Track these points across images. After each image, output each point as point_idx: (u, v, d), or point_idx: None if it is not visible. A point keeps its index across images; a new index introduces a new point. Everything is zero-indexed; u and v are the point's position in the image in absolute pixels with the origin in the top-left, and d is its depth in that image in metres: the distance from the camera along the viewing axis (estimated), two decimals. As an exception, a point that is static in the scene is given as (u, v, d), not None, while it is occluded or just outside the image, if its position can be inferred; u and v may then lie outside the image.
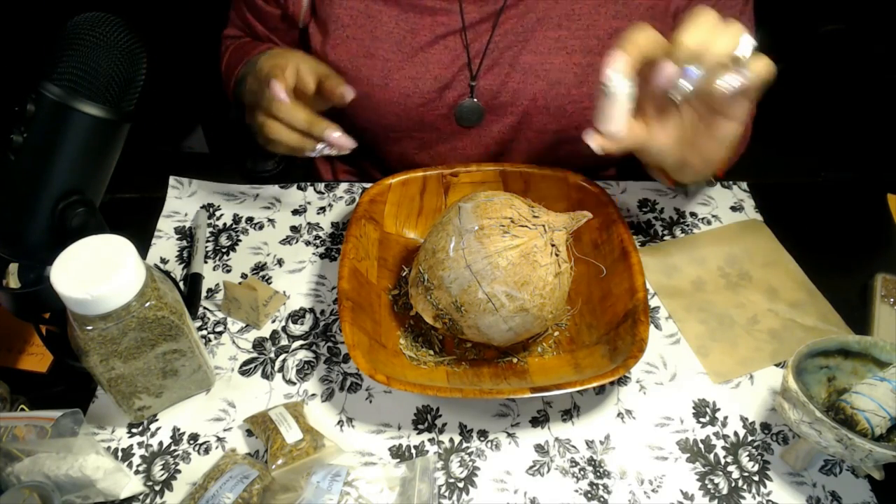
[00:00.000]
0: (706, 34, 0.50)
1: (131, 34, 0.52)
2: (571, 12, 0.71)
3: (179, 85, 1.37)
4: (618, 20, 0.71)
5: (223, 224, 0.77)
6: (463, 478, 0.56)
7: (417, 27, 0.72)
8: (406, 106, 0.75)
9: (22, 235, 0.54)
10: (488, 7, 0.71)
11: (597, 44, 0.72)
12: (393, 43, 0.73)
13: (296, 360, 0.64)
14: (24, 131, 0.50)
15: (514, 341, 0.60)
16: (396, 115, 0.76)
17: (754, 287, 0.69)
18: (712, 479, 0.56)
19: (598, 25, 0.71)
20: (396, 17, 0.72)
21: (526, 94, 0.74)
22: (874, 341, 0.56)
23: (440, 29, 0.72)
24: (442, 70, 0.73)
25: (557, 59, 0.72)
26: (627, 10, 0.71)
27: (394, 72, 0.73)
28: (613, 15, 0.71)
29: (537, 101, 0.74)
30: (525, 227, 0.55)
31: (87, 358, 0.50)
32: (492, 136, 0.78)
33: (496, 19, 0.72)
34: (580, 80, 0.73)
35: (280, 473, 0.54)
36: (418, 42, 0.73)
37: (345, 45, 0.74)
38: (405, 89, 0.74)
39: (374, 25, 0.73)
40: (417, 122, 0.77)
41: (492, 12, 0.72)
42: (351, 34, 0.73)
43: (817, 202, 0.79)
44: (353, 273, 0.63)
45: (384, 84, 0.74)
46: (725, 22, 0.51)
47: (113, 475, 0.53)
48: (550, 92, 0.73)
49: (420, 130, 0.78)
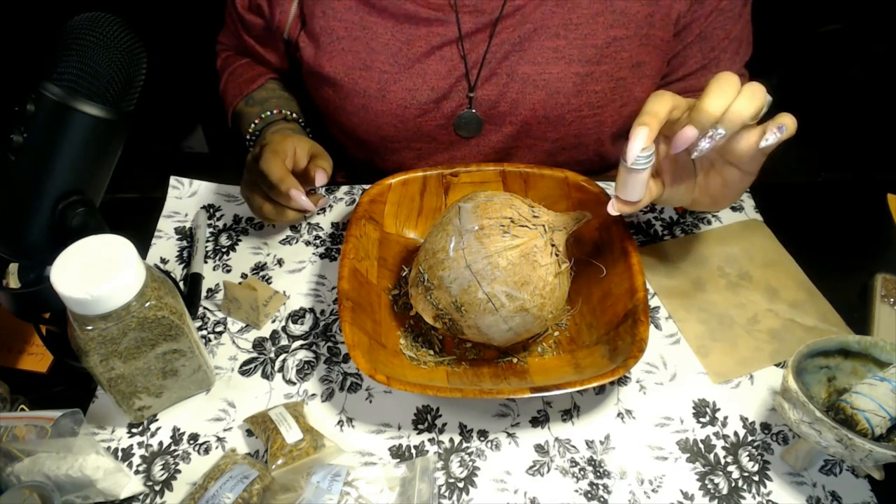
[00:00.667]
0: (729, 98, 0.50)
1: (131, 34, 0.52)
2: (569, 21, 0.71)
3: (179, 85, 1.37)
4: (615, 29, 0.71)
5: (223, 224, 0.77)
6: (463, 478, 0.56)
7: (413, 38, 0.72)
8: (404, 117, 0.75)
9: (22, 235, 0.54)
10: (484, 18, 0.71)
11: (595, 53, 0.72)
12: (389, 55, 0.72)
13: (296, 360, 0.64)
14: (24, 131, 0.50)
15: (514, 341, 0.60)
16: (394, 125, 0.76)
17: (754, 287, 0.69)
18: (712, 479, 0.56)
19: (595, 34, 0.71)
20: (392, 29, 0.72)
21: (525, 104, 0.74)
22: (874, 341, 0.56)
23: (436, 40, 0.72)
24: (439, 81, 0.73)
25: (556, 69, 0.72)
26: (625, 19, 0.71)
27: (391, 83, 0.73)
28: (611, 24, 0.71)
29: (536, 110, 0.74)
30: (525, 227, 0.55)
31: (87, 358, 0.50)
32: (490, 146, 0.78)
33: (493, 29, 0.71)
34: (578, 89, 0.73)
35: (280, 473, 0.54)
36: (414, 53, 0.72)
37: (340, 57, 0.74)
38: (402, 100, 0.74)
39: (369, 37, 0.73)
40: (415, 133, 0.77)
41: (488, 22, 0.71)
42: (346, 46, 0.73)
43: (817, 202, 0.79)
44: (353, 273, 0.63)
45: (381, 96, 0.74)
46: (746, 83, 0.51)
47: (113, 475, 0.53)
48: (549, 101, 0.73)
49: (418, 141, 0.78)
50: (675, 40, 0.75)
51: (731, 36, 0.75)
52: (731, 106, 0.50)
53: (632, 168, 0.54)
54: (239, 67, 0.86)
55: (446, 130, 0.77)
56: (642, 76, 0.74)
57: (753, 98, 0.50)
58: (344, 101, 0.76)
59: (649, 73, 0.75)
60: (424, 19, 0.72)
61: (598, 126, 0.76)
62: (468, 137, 0.77)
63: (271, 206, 0.68)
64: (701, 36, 0.75)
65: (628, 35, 0.72)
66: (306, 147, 0.70)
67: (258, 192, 0.69)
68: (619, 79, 0.73)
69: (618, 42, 0.72)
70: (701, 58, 0.76)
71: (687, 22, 0.74)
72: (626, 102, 0.75)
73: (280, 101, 0.82)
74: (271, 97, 0.83)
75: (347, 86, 0.74)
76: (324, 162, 0.70)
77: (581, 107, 0.74)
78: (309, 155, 0.70)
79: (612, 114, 0.75)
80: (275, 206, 0.68)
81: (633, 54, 0.73)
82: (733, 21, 0.74)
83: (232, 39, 0.88)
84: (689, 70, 0.77)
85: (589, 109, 0.74)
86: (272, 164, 0.66)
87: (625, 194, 0.56)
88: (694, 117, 0.51)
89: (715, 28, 0.74)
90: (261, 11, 0.78)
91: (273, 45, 0.82)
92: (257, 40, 0.83)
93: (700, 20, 0.74)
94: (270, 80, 0.85)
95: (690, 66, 0.77)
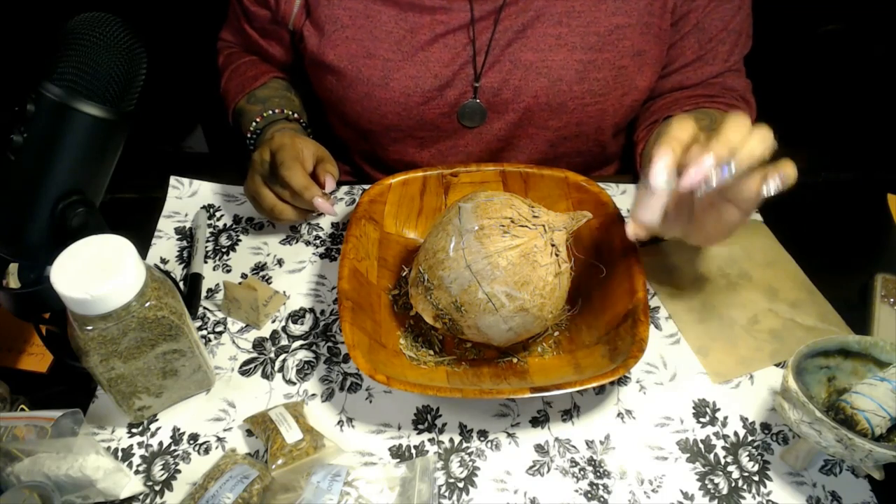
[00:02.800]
0: (742, 136, 0.51)
1: (131, 34, 0.52)
2: (571, 9, 0.71)
3: (179, 85, 1.36)
4: (617, 16, 0.71)
5: (223, 224, 0.77)
6: (463, 478, 0.56)
7: (417, 27, 0.72)
8: (407, 105, 0.75)
9: (22, 235, 0.54)
10: (487, 6, 0.72)
11: (597, 40, 0.72)
12: (392, 42, 0.73)
13: (296, 360, 0.64)
14: (24, 131, 0.50)
15: (514, 341, 0.60)
16: (397, 114, 0.76)
17: (754, 287, 0.69)
18: (712, 479, 0.56)
19: (598, 22, 0.71)
20: (396, 17, 0.72)
21: (527, 92, 0.74)
22: (874, 341, 0.56)
23: (440, 28, 0.72)
24: (442, 69, 0.73)
25: (558, 56, 0.72)
26: (627, 6, 0.71)
27: (394, 71, 0.73)
28: (613, 11, 0.71)
29: (539, 98, 0.74)
30: (525, 227, 0.55)
31: (87, 358, 0.50)
32: (493, 134, 0.78)
33: (496, 16, 0.72)
34: (581, 76, 0.73)
35: (280, 473, 0.54)
36: (418, 41, 0.72)
37: (344, 45, 0.74)
38: (406, 88, 0.74)
39: (373, 25, 0.73)
40: (418, 121, 0.77)
41: (491, 10, 0.72)
42: (350, 35, 0.73)
43: (817, 202, 0.79)
44: (353, 273, 0.63)
45: (384, 84, 0.74)
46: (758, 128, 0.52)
47: (113, 475, 0.53)
48: (552, 89, 0.73)
49: (421, 129, 0.78)
50: (672, 30, 0.75)
51: (730, 28, 0.75)
52: (746, 144, 0.51)
53: (654, 190, 0.53)
54: (242, 65, 0.86)
55: (449, 119, 0.77)
56: (643, 65, 0.74)
57: (764, 141, 0.51)
58: (347, 90, 0.76)
59: (650, 61, 0.75)
60: (429, 7, 0.72)
61: (600, 115, 0.76)
62: (472, 127, 0.77)
63: (291, 209, 0.70)
64: (698, 27, 0.75)
65: (630, 23, 0.72)
66: (312, 149, 0.71)
67: (269, 191, 0.70)
68: (621, 67, 0.73)
69: (620, 30, 0.72)
70: (697, 49, 0.76)
71: (684, 12, 0.74)
72: (628, 91, 0.75)
73: (283, 101, 0.82)
74: (274, 96, 0.83)
75: (351, 74, 0.74)
76: (330, 166, 0.71)
77: (583, 94, 0.74)
78: (314, 158, 0.71)
79: (614, 102, 0.75)
80: (294, 210, 0.70)
81: (635, 42, 0.73)
82: (732, 12, 0.74)
83: (235, 36, 0.88)
84: (685, 61, 0.77)
85: (591, 97, 0.74)
86: (295, 171, 0.67)
87: (642, 214, 0.55)
88: (713, 146, 0.51)
89: (713, 19, 0.74)
90: (267, 3, 0.78)
91: (277, 38, 0.82)
92: (261, 33, 0.83)
93: (697, 10, 0.74)
94: (273, 79, 0.85)
95: (687, 56, 0.77)
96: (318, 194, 0.67)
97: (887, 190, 0.79)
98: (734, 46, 0.77)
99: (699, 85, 0.78)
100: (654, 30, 0.73)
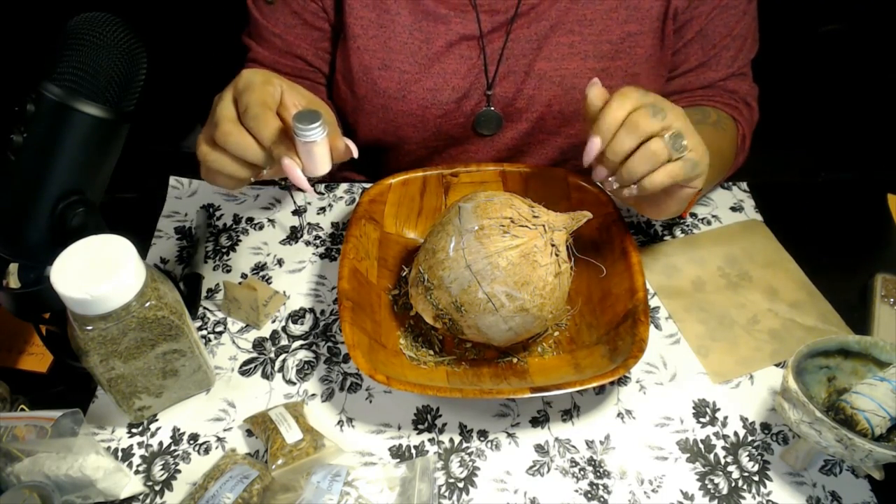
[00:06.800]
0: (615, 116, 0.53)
1: (131, 34, 0.52)
2: (583, 18, 0.71)
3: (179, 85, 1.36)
4: (630, 24, 0.71)
5: (223, 224, 0.77)
6: (463, 478, 0.56)
7: (431, 36, 0.71)
8: (424, 118, 0.74)
9: (22, 235, 0.54)
10: (500, 17, 0.71)
11: (610, 48, 0.72)
12: (408, 54, 0.72)
13: (296, 360, 0.64)
14: (24, 131, 0.50)
15: (514, 341, 0.60)
16: (414, 126, 0.75)
17: (754, 287, 0.69)
18: (712, 479, 0.56)
19: (611, 30, 0.71)
20: (409, 27, 0.71)
21: (541, 101, 0.74)
22: (874, 341, 0.56)
23: (453, 37, 0.71)
24: (459, 80, 0.73)
25: (572, 65, 0.72)
26: (639, 14, 0.71)
27: (411, 84, 0.72)
28: (625, 19, 0.71)
29: (552, 106, 0.74)
30: (525, 227, 0.55)
31: (87, 358, 0.50)
32: (504, 143, 0.78)
33: (509, 27, 0.71)
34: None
35: (280, 473, 0.54)
36: (433, 51, 0.71)
37: (357, 56, 0.72)
38: (424, 101, 0.73)
39: (387, 36, 0.71)
40: (435, 133, 0.76)
41: (504, 21, 0.71)
42: (363, 45, 0.72)
43: (817, 202, 0.79)
44: (353, 273, 0.63)
45: (402, 97, 0.73)
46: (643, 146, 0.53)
47: (113, 475, 0.53)
48: (565, 97, 0.73)
49: (436, 139, 0.77)
50: (676, 36, 0.75)
51: (734, 33, 0.75)
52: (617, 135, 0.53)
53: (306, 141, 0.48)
54: None
55: (465, 129, 0.76)
56: (654, 71, 0.74)
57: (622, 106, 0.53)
58: (362, 102, 0.75)
59: (661, 69, 0.75)
60: (443, 16, 0.71)
61: None
62: (487, 135, 0.77)
63: (243, 168, 0.51)
64: (701, 33, 0.74)
65: (643, 31, 0.72)
66: (293, 96, 0.52)
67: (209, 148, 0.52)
68: (634, 74, 0.73)
69: (632, 38, 0.72)
70: (701, 55, 0.76)
71: (687, 18, 0.74)
72: None
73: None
74: None
75: (366, 86, 0.73)
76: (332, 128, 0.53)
77: None
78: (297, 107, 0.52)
79: None
80: (245, 167, 0.51)
81: (648, 49, 0.73)
82: (737, 18, 0.74)
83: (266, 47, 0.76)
84: (689, 67, 0.77)
85: None
86: (262, 121, 0.49)
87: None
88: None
89: (717, 25, 0.74)
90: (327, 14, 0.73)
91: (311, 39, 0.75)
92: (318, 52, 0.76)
93: (701, 17, 0.73)
94: None
95: (691, 62, 0.77)
96: (287, 153, 0.49)
97: (887, 190, 0.79)
98: (739, 52, 0.76)
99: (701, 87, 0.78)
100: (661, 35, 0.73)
